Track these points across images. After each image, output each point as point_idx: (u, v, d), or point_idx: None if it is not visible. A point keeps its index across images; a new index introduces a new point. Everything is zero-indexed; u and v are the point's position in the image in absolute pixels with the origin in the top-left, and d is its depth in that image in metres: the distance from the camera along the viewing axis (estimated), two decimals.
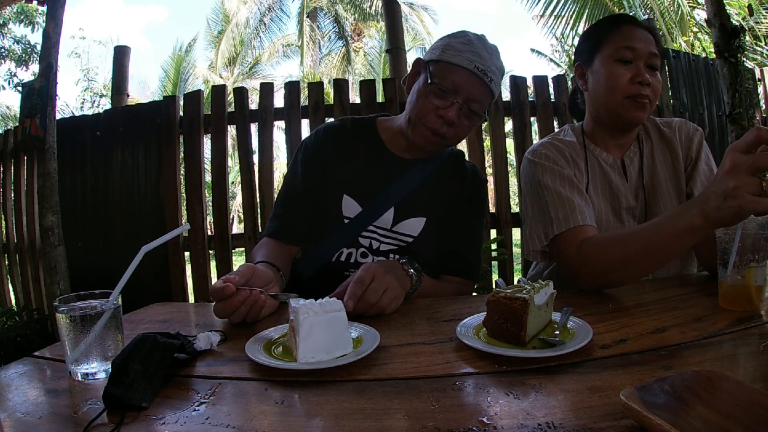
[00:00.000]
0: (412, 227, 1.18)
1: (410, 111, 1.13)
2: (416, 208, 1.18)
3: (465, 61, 1.06)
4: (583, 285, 1.01)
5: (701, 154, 1.17)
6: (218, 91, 2.88)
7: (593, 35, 1.17)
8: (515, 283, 0.85)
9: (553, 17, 7.55)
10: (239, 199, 9.42)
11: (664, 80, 2.82)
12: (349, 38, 15.92)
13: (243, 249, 2.83)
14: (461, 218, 1.23)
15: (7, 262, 3.24)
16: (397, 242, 1.18)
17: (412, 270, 0.99)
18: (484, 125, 2.95)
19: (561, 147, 1.18)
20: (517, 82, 2.82)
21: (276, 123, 2.84)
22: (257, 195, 2.79)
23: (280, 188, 1.29)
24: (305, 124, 2.80)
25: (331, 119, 2.73)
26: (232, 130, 3.03)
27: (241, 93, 2.88)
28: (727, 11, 2.71)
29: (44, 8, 2.93)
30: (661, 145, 1.21)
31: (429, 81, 1.08)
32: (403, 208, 1.18)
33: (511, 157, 3.40)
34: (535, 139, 3.31)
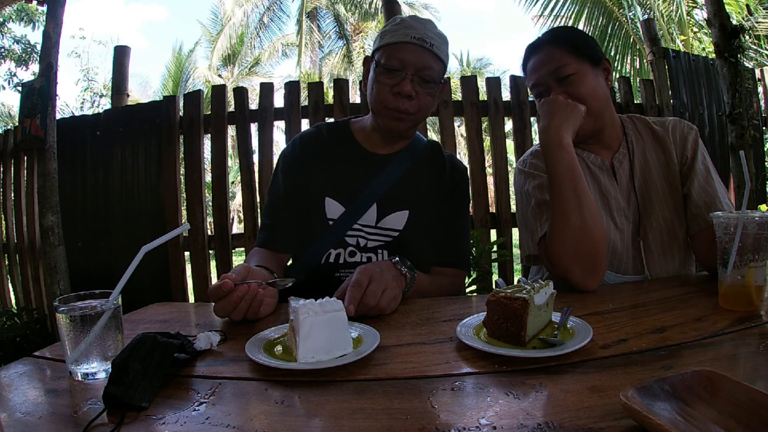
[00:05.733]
0: (397, 221, 1.20)
1: (371, 102, 1.17)
2: (398, 202, 1.20)
3: (401, 36, 1.12)
4: (574, 282, 1.01)
5: (697, 153, 1.16)
6: (218, 91, 2.88)
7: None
8: (515, 283, 0.85)
9: (552, 17, 7.52)
10: (239, 199, 9.42)
11: (664, 80, 2.83)
12: (349, 38, 15.90)
13: (243, 249, 2.83)
14: (445, 209, 1.24)
15: (7, 262, 3.24)
16: (384, 238, 1.19)
17: (404, 268, 0.99)
18: (484, 125, 2.94)
19: None
20: (517, 82, 2.81)
21: (276, 123, 2.84)
22: (257, 195, 2.78)
23: (265, 200, 1.32)
24: (305, 124, 2.80)
25: (331, 119, 2.73)
26: (232, 130, 3.03)
27: (240, 93, 2.87)
28: (727, 11, 2.71)
29: (44, 8, 2.92)
30: (654, 145, 1.20)
31: (376, 66, 1.14)
32: (385, 204, 1.19)
33: (511, 157, 3.40)
34: (535, 139, 3.30)
